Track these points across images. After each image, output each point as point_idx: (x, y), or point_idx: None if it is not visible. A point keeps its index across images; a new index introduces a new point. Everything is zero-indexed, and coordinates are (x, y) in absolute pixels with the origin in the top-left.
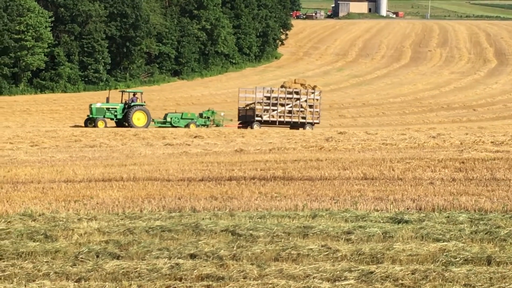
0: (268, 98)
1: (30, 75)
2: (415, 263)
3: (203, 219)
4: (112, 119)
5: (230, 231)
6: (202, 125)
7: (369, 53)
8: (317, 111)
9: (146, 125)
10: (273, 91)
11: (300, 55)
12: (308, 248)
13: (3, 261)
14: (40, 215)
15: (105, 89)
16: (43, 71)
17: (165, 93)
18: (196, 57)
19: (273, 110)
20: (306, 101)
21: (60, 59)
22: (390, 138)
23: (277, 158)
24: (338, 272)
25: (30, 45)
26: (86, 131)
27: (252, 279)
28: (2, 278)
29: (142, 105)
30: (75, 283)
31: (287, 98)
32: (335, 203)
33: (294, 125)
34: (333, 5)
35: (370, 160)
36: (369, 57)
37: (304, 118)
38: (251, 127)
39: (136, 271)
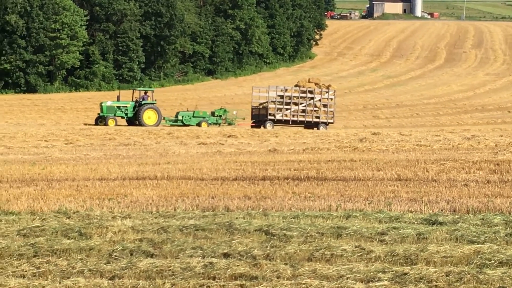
0: (282, 97)
1: (65, 73)
2: (449, 265)
3: (236, 218)
4: (122, 117)
5: (263, 231)
6: (214, 123)
7: (404, 54)
8: (332, 111)
9: (157, 124)
10: (286, 90)
11: (334, 55)
12: (341, 249)
13: (38, 258)
14: (74, 213)
15: (140, 88)
16: (78, 70)
17: (199, 92)
18: (230, 57)
19: (287, 109)
20: (320, 100)
21: (95, 57)
22: (424, 139)
23: (310, 158)
24: (371, 273)
25: (65, 44)
26: (120, 130)
27: (285, 279)
28: (37, 275)
29: (153, 103)
30: (109, 281)
31: (301, 97)
32: (369, 204)
33: (308, 125)
34: (368, 5)
35: (404, 161)
36: (404, 58)
37: (318, 117)
38: (264, 127)
39: (170, 270)
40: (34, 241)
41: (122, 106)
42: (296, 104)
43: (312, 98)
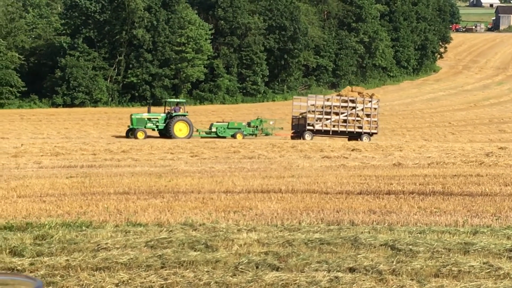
0: (322, 106)
1: (190, 86)
2: None
3: (362, 232)
4: (153, 129)
5: (389, 246)
6: (250, 134)
7: None
8: (375, 121)
9: (188, 136)
10: (327, 99)
11: (459, 68)
12: (469, 265)
13: (165, 270)
14: (200, 225)
15: (263, 101)
16: (203, 83)
17: None
18: (353, 70)
19: (327, 119)
20: (362, 110)
21: (219, 71)
22: None
23: (436, 172)
24: None
25: (190, 57)
26: (245, 143)
27: None
28: (165, 286)
29: (184, 115)
30: None
31: (342, 107)
32: (496, 219)
33: (351, 135)
34: (494, 18)
35: None
36: None
37: (360, 127)
38: (303, 137)
39: (295, 283)
40: (162, 252)
41: (153, 118)
42: (336, 114)
43: (354, 108)
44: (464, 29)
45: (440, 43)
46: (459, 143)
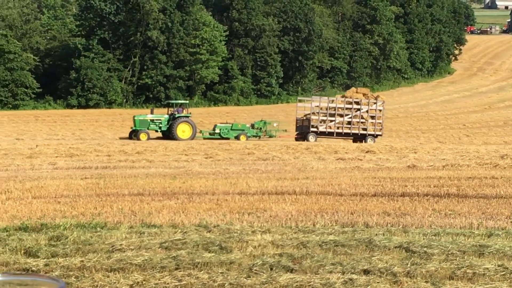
0: (326, 108)
1: (204, 88)
2: None
3: (376, 234)
4: (156, 131)
5: (403, 248)
6: (254, 136)
7: None
8: (380, 123)
9: (191, 137)
10: (332, 101)
11: (473, 70)
12: (484, 268)
13: (180, 271)
14: (215, 227)
15: (277, 103)
16: (217, 84)
17: None
18: (368, 72)
19: (331, 121)
20: (367, 111)
21: (234, 72)
22: None
23: (450, 174)
24: None
25: (205, 59)
26: (259, 144)
27: None
28: (179, 287)
29: (187, 116)
30: None
31: (347, 108)
32: (511, 222)
33: (356, 137)
34: (509, 20)
35: None
36: None
37: (365, 129)
38: (307, 139)
39: (310, 285)
40: (176, 254)
41: (156, 120)
42: (341, 115)
43: (358, 109)
44: (479, 31)
45: (455, 45)
46: (473, 145)
